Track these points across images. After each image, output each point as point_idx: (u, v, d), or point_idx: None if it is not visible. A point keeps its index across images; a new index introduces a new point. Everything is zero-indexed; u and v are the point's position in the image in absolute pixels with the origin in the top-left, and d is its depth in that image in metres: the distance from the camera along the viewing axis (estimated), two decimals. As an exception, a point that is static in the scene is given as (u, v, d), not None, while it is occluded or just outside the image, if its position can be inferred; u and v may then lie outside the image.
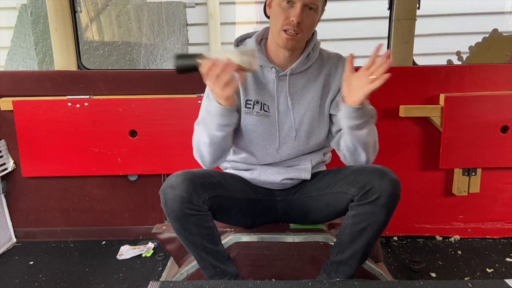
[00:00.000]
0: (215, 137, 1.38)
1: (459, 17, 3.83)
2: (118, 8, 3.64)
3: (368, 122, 1.35)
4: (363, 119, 1.33)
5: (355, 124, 1.33)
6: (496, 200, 2.31)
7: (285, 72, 1.46)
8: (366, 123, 1.34)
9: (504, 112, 2.15)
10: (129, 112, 2.16)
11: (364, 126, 1.34)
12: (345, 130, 1.39)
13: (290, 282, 1.31)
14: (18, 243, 2.30)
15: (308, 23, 1.36)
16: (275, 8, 1.37)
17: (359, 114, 1.32)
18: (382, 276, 1.58)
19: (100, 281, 1.92)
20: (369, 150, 1.41)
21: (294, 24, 1.33)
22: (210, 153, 1.43)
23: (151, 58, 3.72)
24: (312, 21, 1.38)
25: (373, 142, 1.42)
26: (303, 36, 1.39)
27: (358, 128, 1.35)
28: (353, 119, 1.33)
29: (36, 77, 2.22)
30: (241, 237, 1.56)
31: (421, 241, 2.31)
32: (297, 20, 1.32)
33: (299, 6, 1.32)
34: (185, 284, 1.33)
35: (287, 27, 1.35)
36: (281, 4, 1.34)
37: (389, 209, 1.30)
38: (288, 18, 1.33)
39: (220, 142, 1.39)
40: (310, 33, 1.43)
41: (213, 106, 1.33)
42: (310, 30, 1.40)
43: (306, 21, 1.35)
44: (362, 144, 1.39)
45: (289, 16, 1.33)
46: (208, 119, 1.36)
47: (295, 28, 1.34)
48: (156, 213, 2.34)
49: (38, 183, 2.30)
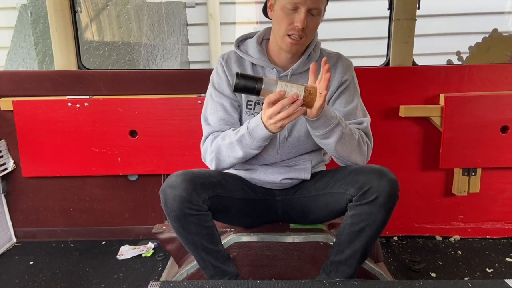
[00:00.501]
0: (251, 155, 1.38)
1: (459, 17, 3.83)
2: (118, 8, 3.64)
3: (334, 130, 1.31)
4: (325, 129, 1.30)
5: (319, 134, 1.32)
6: (496, 200, 2.31)
7: (286, 73, 1.46)
8: (331, 131, 1.31)
9: (504, 112, 2.15)
10: (129, 112, 2.16)
11: (330, 135, 1.32)
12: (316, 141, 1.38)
13: (290, 282, 1.31)
14: (18, 243, 2.30)
15: (312, 27, 1.37)
16: (278, 12, 1.36)
17: (319, 125, 1.30)
18: (382, 276, 1.58)
19: (100, 281, 1.92)
20: (349, 156, 1.39)
21: (298, 29, 1.33)
22: (234, 164, 1.43)
23: (151, 58, 3.72)
24: (315, 25, 1.38)
25: (351, 147, 1.38)
26: (307, 40, 1.40)
27: (324, 138, 1.33)
28: (315, 129, 1.32)
29: (36, 77, 2.22)
30: (241, 237, 1.56)
31: (421, 241, 2.31)
32: (301, 26, 1.32)
33: (304, 11, 1.31)
34: (185, 284, 1.33)
35: (292, 32, 1.34)
36: (285, 8, 1.33)
37: (387, 209, 1.30)
38: (293, 23, 1.33)
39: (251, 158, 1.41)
40: (313, 36, 1.44)
41: (259, 131, 1.29)
42: (313, 33, 1.41)
43: (310, 25, 1.35)
44: (334, 152, 1.37)
45: (293, 21, 1.33)
46: (248, 139, 1.33)
47: (300, 33, 1.34)
48: (156, 213, 2.34)
49: (38, 183, 2.30)
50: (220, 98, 1.48)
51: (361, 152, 1.41)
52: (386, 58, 2.26)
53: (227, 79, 1.48)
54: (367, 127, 1.47)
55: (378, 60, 2.32)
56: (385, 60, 2.26)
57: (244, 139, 1.34)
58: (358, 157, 1.41)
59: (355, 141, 1.38)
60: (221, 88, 1.49)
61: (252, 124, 1.31)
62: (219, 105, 1.48)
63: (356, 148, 1.39)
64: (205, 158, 1.48)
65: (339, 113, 1.44)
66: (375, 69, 2.25)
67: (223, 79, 1.49)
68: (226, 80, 1.49)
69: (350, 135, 1.36)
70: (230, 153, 1.39)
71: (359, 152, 1.41)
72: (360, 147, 1.41)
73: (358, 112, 1.49)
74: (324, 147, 1.39)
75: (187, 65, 4.02)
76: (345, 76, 1.49)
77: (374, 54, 2.90)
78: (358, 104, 1.50)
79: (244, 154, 1.37)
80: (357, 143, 1.39)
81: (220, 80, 1.49)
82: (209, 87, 1.53)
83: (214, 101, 1.49)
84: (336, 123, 1.31)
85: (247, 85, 1.21)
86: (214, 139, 1.44)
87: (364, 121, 1.47)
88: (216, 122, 1.47)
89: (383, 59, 2.28)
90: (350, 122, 1.43)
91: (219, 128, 1.46)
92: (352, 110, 1.47)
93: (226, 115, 1.47)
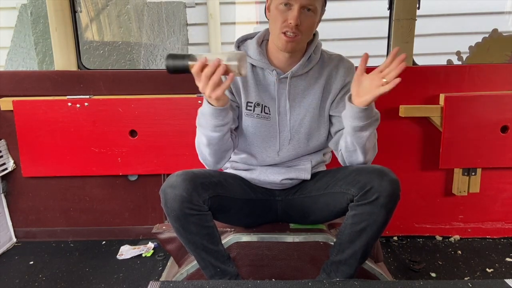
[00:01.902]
0: (212, 138, 1.37)
1: (459, 17, 3.83)
2: (118, 8, 3.64)
3: (372, 125, 1.35)
4: (367, 121, 1.32)
5: (359, 125, 1.33)
6: (496, 200, 2.31)
7: (286, 75, 1.46)
8: (369, 125, 1.34)
9: (504, 112, 2.15)
10: (129, 112, 2.16)
11: (367, 128, 1.34)
12: (348, 130, 1.38)
13: (290, 282, 1.31)
14: (18, 243, 2.30)
15: (307, 25, 1.36)
16: (274, 11, 1.37)
17: (364, 115, 1.31)
18: (382, 276, 1.58)
19: (100, 281, 1.92)
20: (368, 152, 1.41)
21: (292, 26, 1.33)
22: (211, 154, 1.43)
23: (151, 58, 3.72)
24: (311, 23, 1.37)
25: (373, 144, 1.42)
26: (303, 38, 1.39)
27: (361, 130, 1.34)
28: (357, 119, 1.32)
29: (36, 77, 2.22)
30: (241, 237, 1.56)
31: (421, 241, 2.31)
32: (295, 22, 1.32)
33: (297, 8, 1.32)
34: (185, 284, 1.33)
35: (286, 30, 1.34)
36: (279, 7, 1.34)
37: (388, 209, 1.30)
38: (286, 21, 1.33)
39: (218, 142, 1.39)
40: (310, 35, 1.43)
41: (206, 108, 1.32)
42: (309, 31, 1.40)
43: (305, 22, 1.35)
44: (363, 146, 1.38)
45: (287, 18, 1.33)
46: (203, 120, 1.35)
47: (294, 30, 1.33)
48: (156, 213, 2.34)
49: (38, 183, 2.30)
50: None
51: (374, 152, 1.45)
52: (386, 58, 2.25)
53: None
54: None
55: (378, 60, 2.32)
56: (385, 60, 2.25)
57: (200, 121, 1.37)
58: (371, 156, 1.44)
59: (375, 140, 1.43)
60: None
61: (203, 104, 1.34)
62: None
63: (374, 147, 1.44)
64: (199, 157, 1.49)
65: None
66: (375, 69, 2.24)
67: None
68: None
69: (375, 134, 1.41)
70: (200, 141, 1.41)
71: (373, 152, 1.45)
72: (375, 147, 1.45)
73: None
74: (356, 140, 1.37)
75: (187, 65, 4.01)
76: (348, 78, 1.49)
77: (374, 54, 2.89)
78: None
79: (207, 139, 1.37)
80: (375, 143, 1.44)
81: None
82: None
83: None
84: (377, 117, 1.35)
85: (176, 64, 1.22)
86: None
87: None
88: None
89: (383, 59, 2.27)
90: None
91: None
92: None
93: None
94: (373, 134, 1.38)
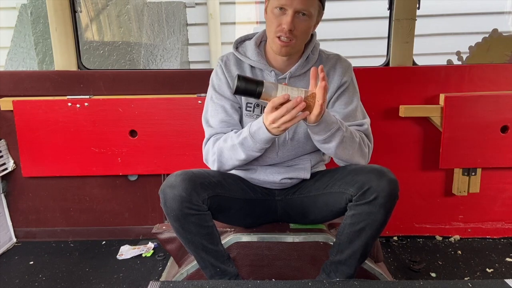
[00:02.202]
0: (253, 157, 1.40)
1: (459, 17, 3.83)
2: (118, 8, 3.64)
3: (335, 135, 1.32)
4: (326, 134, 1.31)
5: (320, 139, 1.33)
6: (496, 200, 2.31)
7: (285, 75, 1.46)
8: (332, 136, 1.32)
9: (504, 112, 2.15)
10: (129, 112, 2.16)
11: (330, 140, 1.33)
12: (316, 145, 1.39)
13: (290, 282, 1.31)
14: (18, 243, 2.30)
15: (302, 29, 1.36)
16: (269, 14, 1.38)
17: (319, 130, 1.31)
18: (382, 276, 1.58)
19: (100, 281, 1.92)
20: (350, 159, 1.40)
21: (286, 31, 1.33)
22: (236, 166, 1.44)
23: (151, 58, 3.72)
24: (306, 27, 1.37)
25: (352, 150, 1.39)
26: (298, 42, 1.39)
27: (324, 142, 1.34)
28: (315, 135, 1.33)
29: (36, 77, 2.22)
30: (241, 237, 1.56)
31: (421, 241, 2.31)
32: (288, 27, 1.32)
33: (290, 13, 1.32)
34: (185, 284, 1.33)
35: (280, 34, 1.35)
36: (274, 10, 1.35)
37: (387, 209, 1.30)
38: (281, 25, 1.34)
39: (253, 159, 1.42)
40: (306, 39, 1.43)
41: (261, 134, 1.31)
42: (304, 35, 1.40)
43: (299, 27, 1.35)
44: (335, 155, 1.39)
45: (281, 22, 1.33)
46: (252, 143, 1.34)
47: (288, 35, 1.34)
48: (156, 213, 2.34)
49: (38, 183, 2.30)
50: (220, 100, 1.49)
51: (362, 154, 1.42)
52: (386, 58, 2.26)
53: (227, 81, 1.49)
54: (367, 129, 1.48)
55: (378, 60, 2.32)
56: (385, 60, 2.26)
57: (246, 141, 1.35)
58: (359, 159, 1.42)
59: (356, 144, 1.39)
60: (221, 90, 1.49)
61: (254, 127, 1.32)
62: (220, 107, 1.48)
63: (357, 150, 1.40)
64: (207, 159, 1.48)
65: (339, 114, 1.44)
66: (375, 69, 2.25)
67: (223, 81, 1.49)
68: (226, 82, 1.49)
69: (351, 138, 1.37)
70: (233, 155, 1.39)
71: (360, 155, 1.41)
72: (361, 150, 1.41)
73: (358, 113, 1.49)
74: (325, 151, 1.41)
75: (187, 65, 4.02)
76: (344, 78, 1.49)
77: (374, 54, 2.89)
78: (357, 105, 1.50)
79: (246, 156, 1.38)
80: (358, 146, 1.40)
81: (220, 82, 1.50)
82: (209, 89, 1.53)
83: (214, 103, 1.49)
84: (336, 128, 1.32)
85: (248, 88, 1.22)
86: (216, 141, 1.44)
87: (365, 123, 1.47)
88: (218, 124, 1.47)
89: (383, 59, 2.28)
90: (350, 124, 1.43)
91: (221, 130, 1.46)
92: (351, 111, 1.47)
93: (227, 117, 1.47)
94: (344, 142, 1.35)
